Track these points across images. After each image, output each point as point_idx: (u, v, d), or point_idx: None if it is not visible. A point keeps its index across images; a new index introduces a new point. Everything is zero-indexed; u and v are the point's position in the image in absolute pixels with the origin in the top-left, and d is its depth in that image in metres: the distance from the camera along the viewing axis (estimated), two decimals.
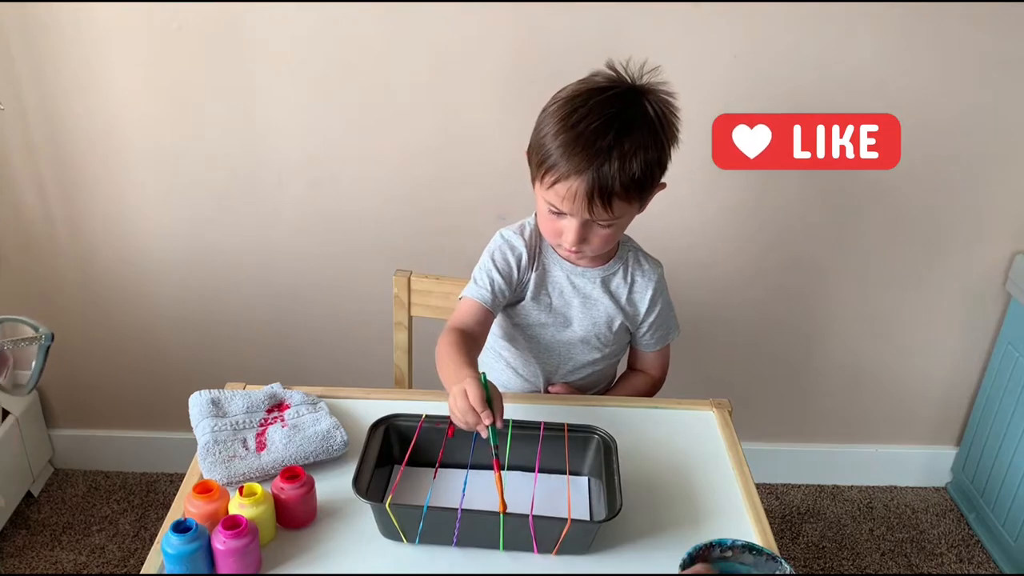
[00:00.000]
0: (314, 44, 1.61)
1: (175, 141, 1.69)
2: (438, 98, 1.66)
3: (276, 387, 1.17)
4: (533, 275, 1.27)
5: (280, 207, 1.76)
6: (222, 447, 1.04)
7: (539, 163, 1.13)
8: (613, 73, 1.14)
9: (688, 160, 1.70)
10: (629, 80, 1.14)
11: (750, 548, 0.89)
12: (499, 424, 0.98)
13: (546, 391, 1.33)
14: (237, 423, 1.08)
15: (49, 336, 0.92)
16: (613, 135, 1.07)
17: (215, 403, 1.11)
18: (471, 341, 1.19)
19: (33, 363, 0.93)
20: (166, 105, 1.66)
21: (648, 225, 1.38)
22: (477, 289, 1.25)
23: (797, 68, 1.64)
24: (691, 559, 0.88)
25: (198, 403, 1.11)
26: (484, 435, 0.99)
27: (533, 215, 1.26)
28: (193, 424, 1.09)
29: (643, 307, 1.29)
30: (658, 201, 1.21)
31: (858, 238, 1.84)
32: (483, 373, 1.09)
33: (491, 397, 0.99)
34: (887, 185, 1.77)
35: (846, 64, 1.64)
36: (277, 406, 1.14)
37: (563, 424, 1.06)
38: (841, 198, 1.79)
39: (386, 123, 1.68)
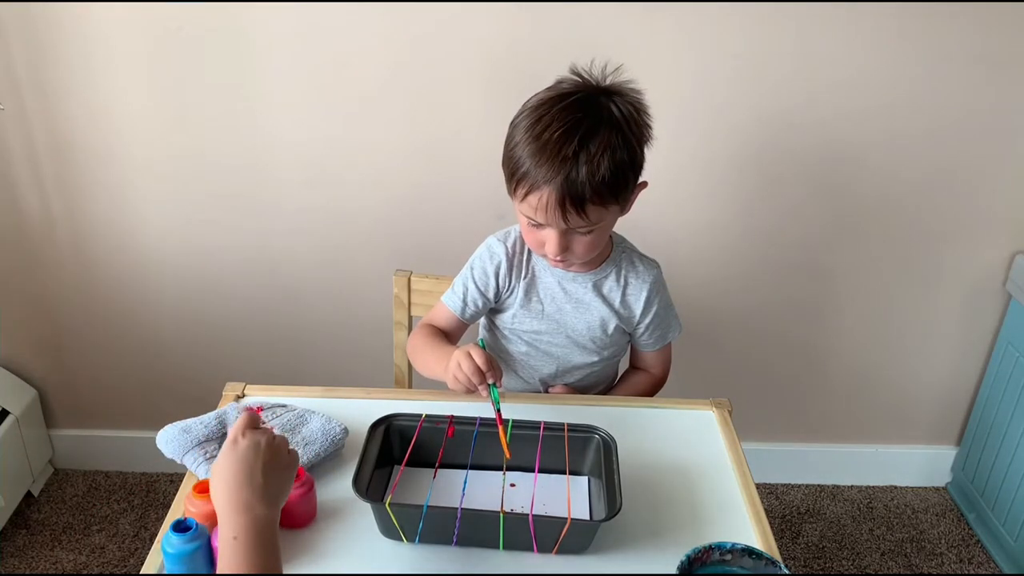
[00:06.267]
0: (313, 45, 1.61)
1: (175, 141, 1.69)
2: (438, 97, 1.66)
3: (232, 405, 1.12)
4: (521, 282, 1.26)
5: (280, 207, 1.76)
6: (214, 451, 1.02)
7: (510, 176, 1.13)
8: (578, 78, 1.13)
9: (689, 161, 1.72)
10: (594, 83, 1.13)
11: (749, 552, 0.89)
12: (499, 385, 1.08)
13: (546, 391, 1.33)
14: (219, 434, 1.05)
15: None
16: (578, 140, 1.06)
17: (186, 431, 1.04)
18: (445, 337, 1.26)
19: None
20: (166, 105, 1.66)
21: (649, 224, 1.38)
22: (452, 296, 1.29)
23: (797, 70, 1.64)
24: (689, 562, 0.87)
25: (169, 438, 1.04)
26: (485, 395, 1.08)
27: None
28: (177, 459, 1.03)
29: (638, 309, 1.28)
30: (659, 201, 1.21)
31: (858, 238, 1.83)
32: (481, 339, 1.11)
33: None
34: (887, 186, 1.77)
35: (847, 66, 1.64)
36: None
37: (563, 424, 1.06)
38: (842, 199, 1.79)
39: (386, 123, 1.68)
